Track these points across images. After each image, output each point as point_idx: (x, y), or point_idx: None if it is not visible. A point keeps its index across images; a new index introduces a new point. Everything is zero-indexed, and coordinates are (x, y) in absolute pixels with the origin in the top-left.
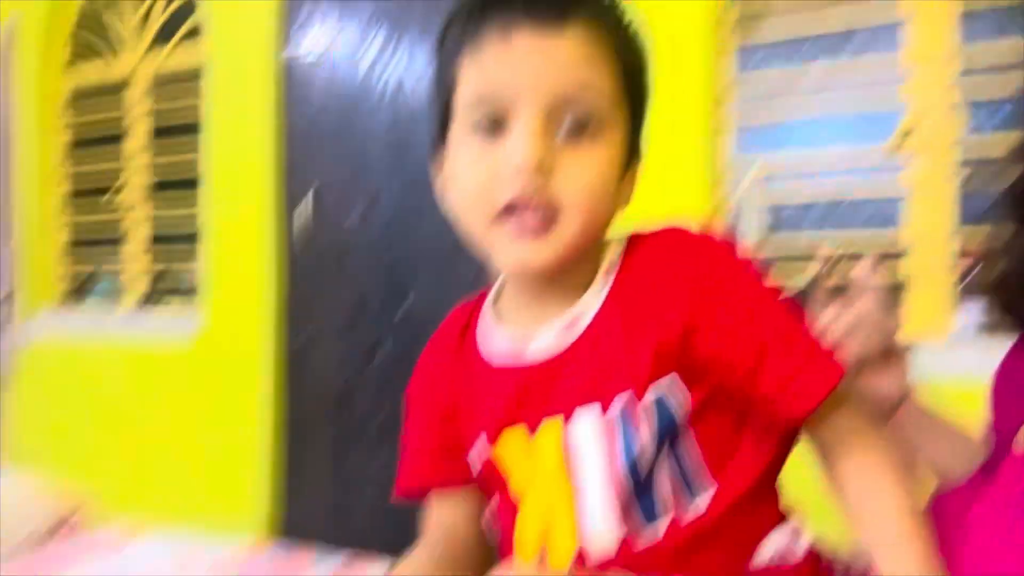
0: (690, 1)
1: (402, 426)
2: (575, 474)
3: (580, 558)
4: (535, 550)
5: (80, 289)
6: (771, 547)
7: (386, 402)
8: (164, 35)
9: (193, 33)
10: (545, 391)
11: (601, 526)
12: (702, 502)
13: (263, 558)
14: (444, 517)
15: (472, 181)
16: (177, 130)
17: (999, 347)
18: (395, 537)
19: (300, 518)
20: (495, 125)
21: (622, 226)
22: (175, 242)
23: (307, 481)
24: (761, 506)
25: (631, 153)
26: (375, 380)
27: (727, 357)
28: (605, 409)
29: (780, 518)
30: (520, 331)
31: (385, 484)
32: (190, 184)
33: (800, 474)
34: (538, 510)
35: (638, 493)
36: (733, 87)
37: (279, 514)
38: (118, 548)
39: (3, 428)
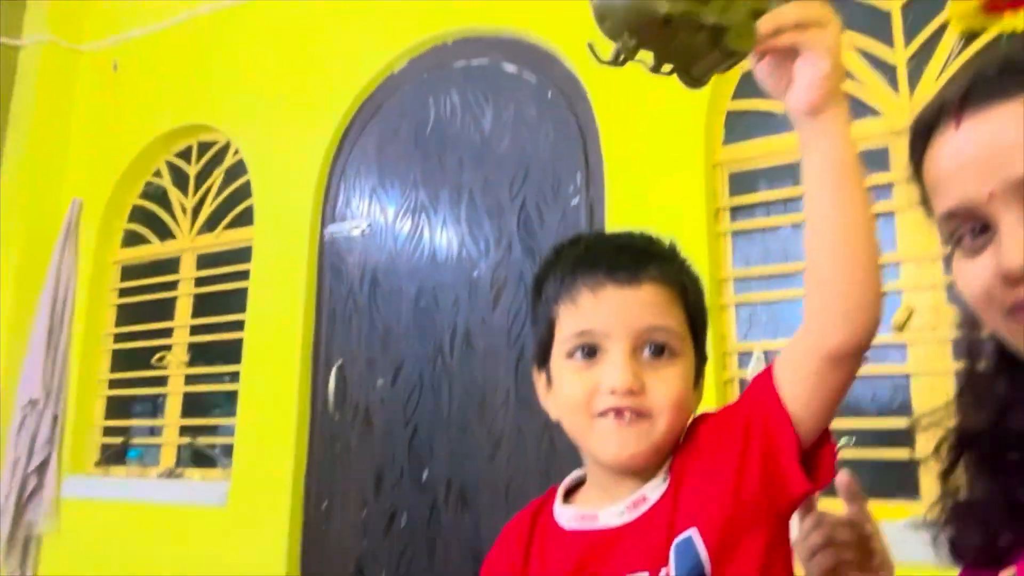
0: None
1: None
2: None
3: None
4: None
5: (117, 453)
6: None
7: (403, 569)
8: (211, 220)
9: (239, 217)
10: (601, 561)
11: None
12: None
13: None
14: None
15: (576, 395)
16: (217, 306)
17: None
18: None
19: None
20: (591, 352)
21: None
22: (208, 412)
23: None
24: None
25: (698, 373)
26: (394, 547)
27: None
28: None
29: None
30: (590, 510)
31: None
32: (224, 357)
33: None
34: None
35: None
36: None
37: None
38: None
39: None
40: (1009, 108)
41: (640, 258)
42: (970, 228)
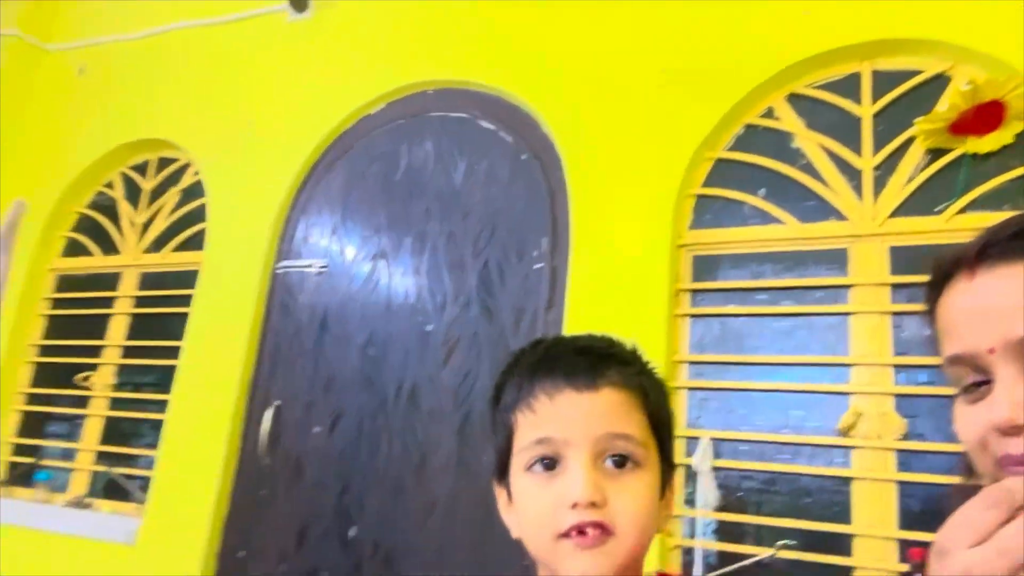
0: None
1: None
2: None
3: None
4: None
5: (24, 473)
6: None
7: None
8: (159, 239)
9: (190, 240)
10: None
11: None
12: None
13: None
14: None
15: (537, 509)
16: (154, 329)
17: None
18: None
19: None
20: (551, 463)
21: None
22: (129, 440)
23: None
24: None
25: (665, 482)
26: None
27: None
28: None
29: None
30: None
31: None
32: (154, 384)
33: None
34: None
35: None
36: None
37: None
38: None
39: None
40: (1018, 269)
41: (599, 361)
42: (972, 376)
